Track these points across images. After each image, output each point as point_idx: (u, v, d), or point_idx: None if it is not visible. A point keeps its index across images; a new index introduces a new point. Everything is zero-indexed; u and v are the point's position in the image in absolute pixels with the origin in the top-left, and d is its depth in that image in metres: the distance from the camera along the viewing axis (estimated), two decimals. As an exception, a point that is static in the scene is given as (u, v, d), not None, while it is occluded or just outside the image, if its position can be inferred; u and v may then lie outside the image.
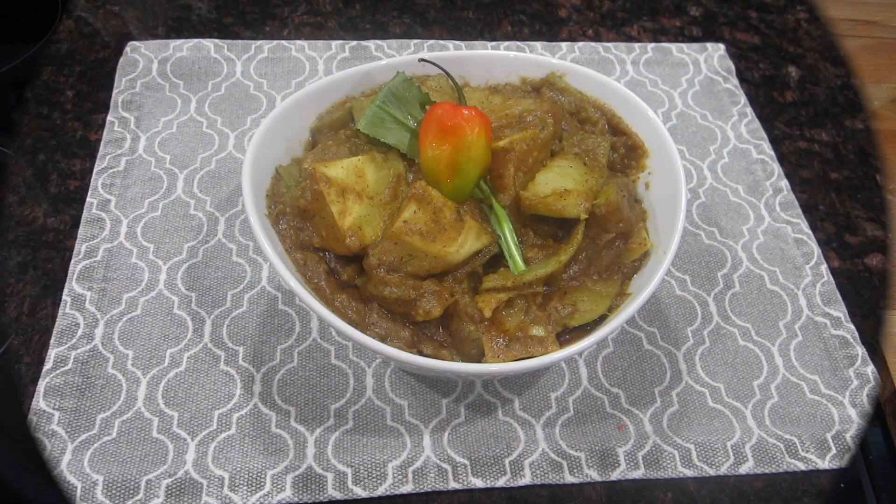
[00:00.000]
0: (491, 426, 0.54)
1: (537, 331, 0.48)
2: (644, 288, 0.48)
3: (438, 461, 0.52)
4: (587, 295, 0.50)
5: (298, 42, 0.78)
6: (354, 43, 0.79)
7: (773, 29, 0.89)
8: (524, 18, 0.87)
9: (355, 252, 0.47)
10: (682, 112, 0.77)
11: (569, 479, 0.52)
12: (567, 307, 0.49)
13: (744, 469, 0.53)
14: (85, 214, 0.62)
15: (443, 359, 0.47)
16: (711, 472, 0.53)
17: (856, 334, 0.61)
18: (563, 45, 0.82)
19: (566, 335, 0.50)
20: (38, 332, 0.56)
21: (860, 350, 0.60)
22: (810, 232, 0.68)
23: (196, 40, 0.76)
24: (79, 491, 0.48)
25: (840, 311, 0.62)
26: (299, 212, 0.49)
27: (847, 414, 0.56)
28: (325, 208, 0.47)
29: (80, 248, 0.60)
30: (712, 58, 0.82)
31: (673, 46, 0.83)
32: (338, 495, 0.50)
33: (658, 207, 0.54)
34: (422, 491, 0.50)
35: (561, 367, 0.57)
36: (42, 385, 0.53)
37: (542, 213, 0.49)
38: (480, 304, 0.48)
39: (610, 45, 0.82)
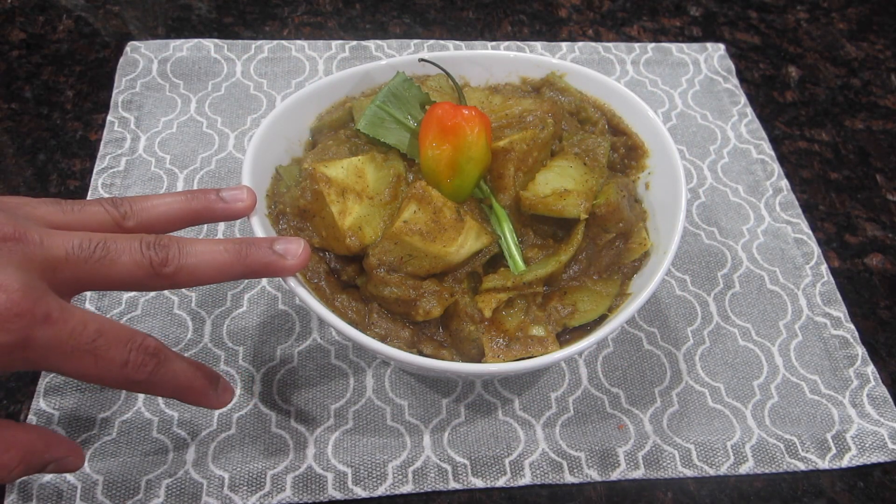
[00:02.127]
0: (491, 426, 0.54)
1: (537, 331, 0.48)
2: (644, 288, 0.48)
3: (438, 461, 0.52)
4: (587, 295, 0.50)
5: (298, 42, 0.78)
6: (354, 43, 0.79)
7: (773, 29, 0.89)
8: (524, 18, 0.87)
9: (355, 252, 0.47)
10: (682, 112, 0.77)
11: (569, 479, 0.52)
12: (567, 307, 0.49)
13: (744, 469, 0.53)
14: (85, 214, 0.62)
15: (443, 359, 0.47)
16: (711, 472, 0.53)
17: (856, 334, 0.61)
18: (563, 45, 0.82)
19: (566, 335, 0.50)
20: (38, 332, 0.56)
21: (860, 350, 0.60)
22: (810, 232, 0.68)
23: (196, 40, 0.77)
24: (79, 491, 0.48)
25: (840, 311, 0.62)
26: (299, 212, 0.49)
27: (847, 414, 0.56)
28: (325, 208, 0.47)
29: (80, 248, 0.60)
30: (712, 58, 0.82)
31: (673, 46, 0.83)
32: (338, 495, 0.50)
33: (658, 207, 0.54)
34: (422, 491, 0.51)
35: (561, 367, 0.57)
36: (42, 385, 0.53)
37: (542, 213, 0.49)
38: (480, 304, 0.48)
39: (610, 45, 0.82)
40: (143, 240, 0.39)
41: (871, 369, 0.59)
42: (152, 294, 0.58)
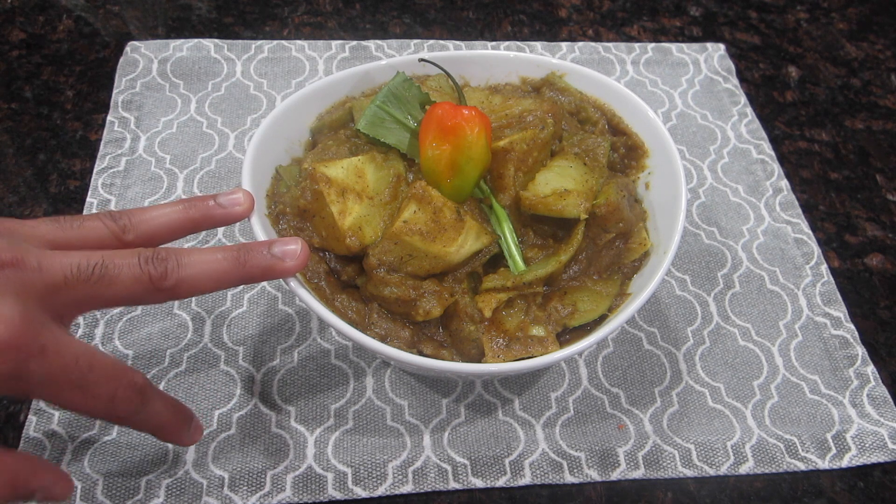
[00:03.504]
0: (491, 426, 0.54)
1: (537, 331, 0.48)
2: (644, 288, 0.48)
3: (438, 461, 0.52)
4: (587, 295, 0.50)
5: (298, 42, 0.78)
6: (354, 43, 0.79)
7: (773, 29, 0.89)
8: (524, 18, 0.87)
9: (355, 252, 0.47)
10: (682, 112, 0.77)
11: (569, 479, 0.52)
12: (567, 307, 0.49)
13: (744, 469, 0.53)
14: (85, 214, 0.62)
15: (443, 359, 0.47)
16: (711, 472, 0.53)
17: (856, 334, 0.61)
18: (563, 45, 0.82)
19: (566, 335, 0.50)
20: (38, 332, 0.56)
21: (860, 350, 0.60)
22: (810, 232, 0.68)
23: (196, 40, 0.76)
24: (79, 491, 0.48)
25: (840, 311, 0.62)
26: (299, 212, 0.49)
27: (847, 414, 0.56)
28: (325, 208, 0.47)
29: (80, 248, 0.60)
30: (712, 58, 0.82)
31: (673, 46, 0.83)
32: (338, 495, 0.50)
33: (658, 207, 0.54)
34: (422, 491, 0.51)
35: (561, 367, 0.57)
36: (42, 385, 0.53)
37: (542, 213, 0.49)
38: (480, 304, 0.48)
39: (610, 45, 0.82)
40: (140, 255, 0.39)
41: (871, 369, 0.59)
42: (152, 294, 0.58)
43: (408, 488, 0.50)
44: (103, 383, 0.37)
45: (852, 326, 0.61)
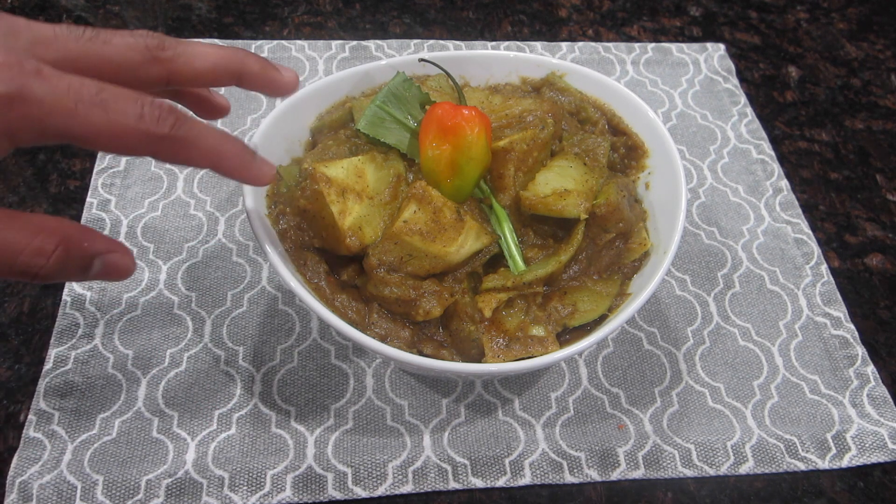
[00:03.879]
0: (491, 426, 0.54)
1: (537, 331, 0.48)
2: (644, 288, 0.48)
3: (438, 461, 0.52)
4: (587, 295, 0.50)
5: (298, 42, 0.78)
6: (354, 43, 0.79)
7: (773, 29, 0.90)
8: (524, 18, 0.87)
9: (355, 252, 0.47)
10: (682, 112, 0.77)
11: (569, 479, 0.52)
12: (567, 307, 0.49)
13: (744, 469, 0.53)
14: (85, 214, 0.62)
15: (443, 359, 0.47)
16: (711, 472, 0.53)
17: (856, 334, 0.61)
18: (563, 45, 0.82)
19: (566, 335, 0.50)
20: (38, 332, 0.56)
21: (860, 350, 0.60)
22: (810, 232, 0.68)
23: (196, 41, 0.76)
24: (79, 491, 0.48)
25: (840, 311, 0.62)
26: (299, 212, 0.49)
27: (847, 414, 0.56)
28: (325, 208, 0.47)
29: (80, 248, 0.60)
30: (712, 58, 0.82)
31: (673, 46, 0.83)
32: (338, 495, 0.50)
33: (658, 207, 0.54)
34: (422, 491, 0.51)
35: (561, 367, 0.57)
36: (42, 385, 0.53)
37: (542, 213, 0.49)
38: (480, 304, 0.48)
39: (610, 45, 0.82)
40: (136, 33, 0.38)
41: (871, 369, 0.59)
42: (152, 294, 0.58)
43: (408, 488, 0.50)
44: (123, 100, 0.33)
45: (852, 326, 0.61)
